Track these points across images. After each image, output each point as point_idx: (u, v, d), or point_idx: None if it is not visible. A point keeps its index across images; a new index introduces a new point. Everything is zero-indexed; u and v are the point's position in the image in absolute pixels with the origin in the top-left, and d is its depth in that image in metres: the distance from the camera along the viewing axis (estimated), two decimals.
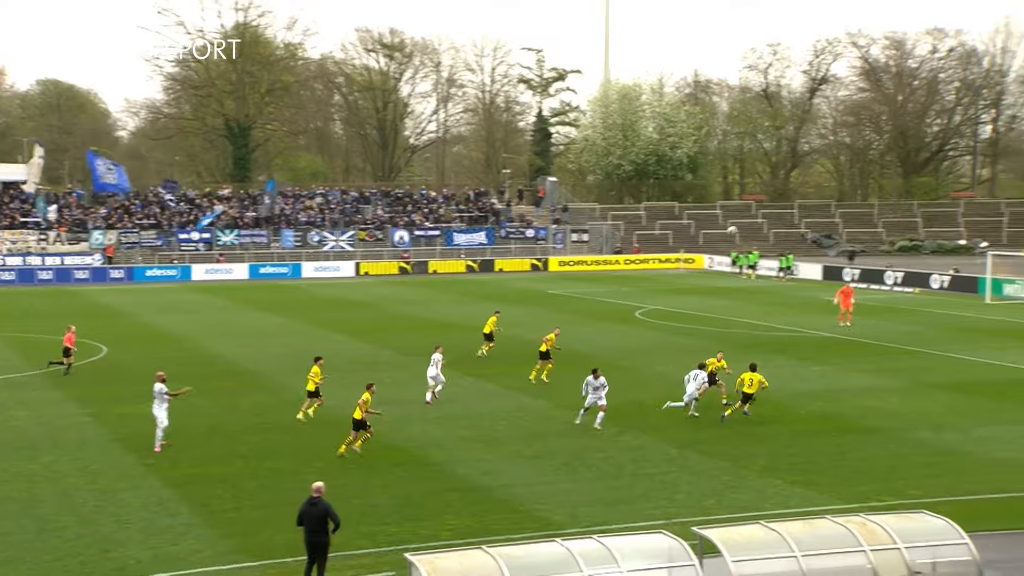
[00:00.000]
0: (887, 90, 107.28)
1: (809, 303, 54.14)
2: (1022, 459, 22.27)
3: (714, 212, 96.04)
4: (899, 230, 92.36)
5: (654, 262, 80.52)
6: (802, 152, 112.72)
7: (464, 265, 77.04)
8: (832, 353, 37.07)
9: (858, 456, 22.78)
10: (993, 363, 34.56)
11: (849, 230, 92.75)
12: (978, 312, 48.51)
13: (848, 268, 66.98)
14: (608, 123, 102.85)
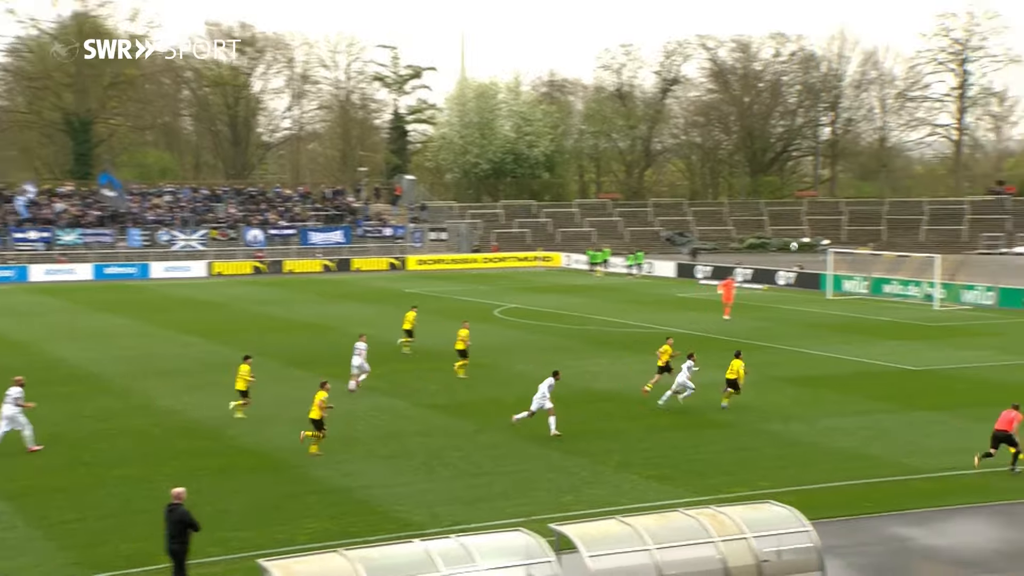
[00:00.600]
0: (734, 91, 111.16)
1: (663, 300, 55.57)
2: (862, 449, 23.41)
3: (571, 210, 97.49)
4: (748, 228, 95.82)
5: (512, 260, 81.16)
6: (655, 151, 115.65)
7: (320, 264, 75.95)
8: (683, 349, 38.07)
9: (710, 449, 23.51)
10: (836, 357, 36.20)
11: (701, 228, 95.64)
12: (822, 307, 50.74)
13: (700, 265, 69.07)
14: (465, 121, 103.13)
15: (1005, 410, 22.45)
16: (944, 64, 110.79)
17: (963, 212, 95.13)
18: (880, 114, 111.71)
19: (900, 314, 48.36)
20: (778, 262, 72.73)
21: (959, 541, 17.53)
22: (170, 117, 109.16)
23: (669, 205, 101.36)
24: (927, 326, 44.16)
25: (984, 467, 21.65)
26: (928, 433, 24.78)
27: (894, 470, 21.52)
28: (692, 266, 69.48)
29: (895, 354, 36.66)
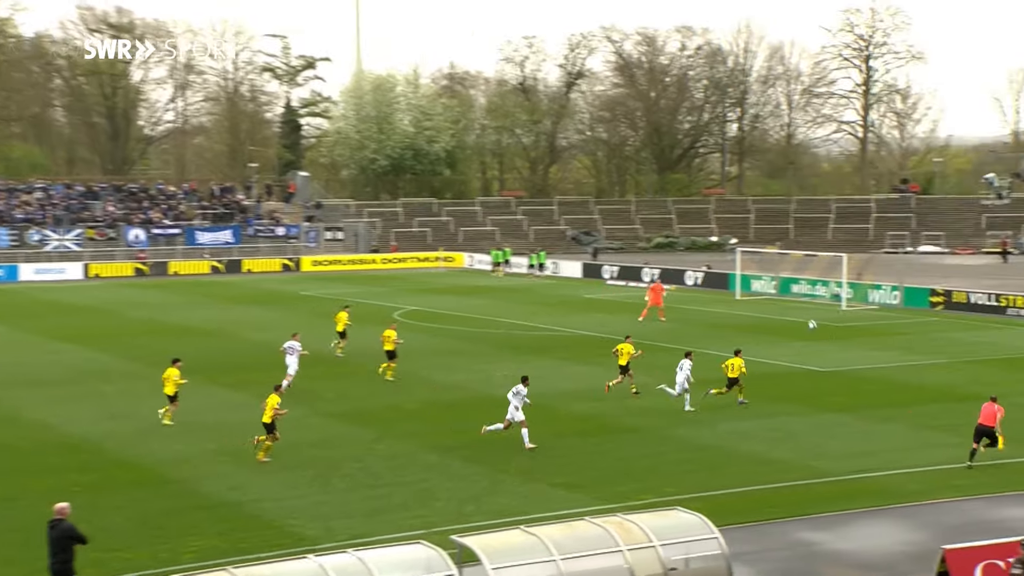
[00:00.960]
0: (641, 86, 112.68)
1: (569, 301, 56.06)
2: (769, 452, 24.01)
3: (473, 209, 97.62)
4: (655, 227, 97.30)
5: (413, 261, 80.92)
6: (560, 147, 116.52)
7: (208, 266, 74.59)
8: (592, 352, 38.52)
9: (618, 456, 23.82)
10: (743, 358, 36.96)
11: (608, 227, 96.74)
12: (729, 308, 51.82)
13: (607, 266, 69.88)
14: (362, 115, 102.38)
15: (985, 404, 23.28)
16: (849, 60, 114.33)
17: (869, 210, 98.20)
18: (787, 110, 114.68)
19: (808, 314, 49.71)
20: (686, 262, 74.03)
21: (865, 544, 18.12)
22: (40, 108, 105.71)
23: (575, 203, 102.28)
24: (834, 326, 45.47)
25: (962, 461, 22.61)
26: (835, 435, 25.53)
27: (801, 474, 22.13)
28: (599, 266, 70.24)
29: (802, 355, 37.65)
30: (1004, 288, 52.62)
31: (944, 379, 32.68)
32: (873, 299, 53.05)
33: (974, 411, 27.75)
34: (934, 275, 64.51)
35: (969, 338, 41.76)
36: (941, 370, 34.22)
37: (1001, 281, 58.48)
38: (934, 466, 22.60)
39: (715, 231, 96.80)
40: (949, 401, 29.30)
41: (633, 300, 56.96)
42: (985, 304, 48.90)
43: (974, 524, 18.73)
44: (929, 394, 30.26)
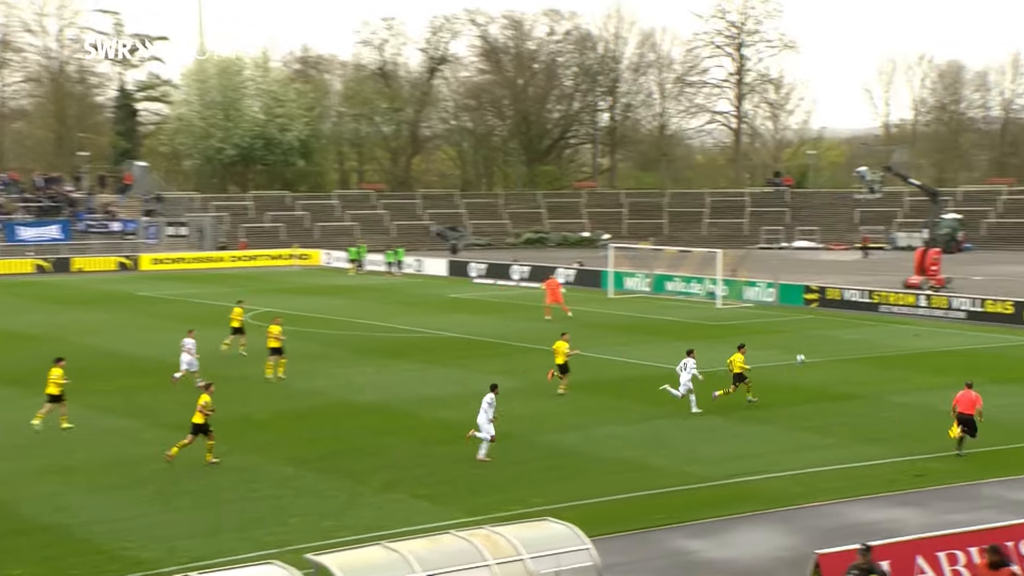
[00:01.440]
0: (508, 72, 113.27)
1: (434, 301, 56.00)
2: (642, 458, 24.43)
3: (331, 203, 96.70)
4: (524, 221, 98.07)
5: (264, 259, 79.62)
6: (423, 137, 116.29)
7: (32, 264, 71.84)
8: (458, 355, 38.57)
9: (483, 464, 23.87)
10: (616, 360, 37.62)
11: (475, 222, 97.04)
12: (601, 307, 52.58)
13: (474, 263, 70.05)
14: (206, 100, 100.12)
15: (961, 392, 24.48)
16: (721, 48, 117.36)
17: (744, 204, 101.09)
18: (659, 100, 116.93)
19: (683, 313, 50.81)
20: (557, 258, 74.79)
21: (742, 551, 18.62)
22: None
23: (439, 196, 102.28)
24: (710, 325, 46.61)
25: (948, 449, 23.82)
26: (710, 439, 26.15)
27: (676, 480, 22.59)
28: (466, 264, 70.37)
29: (677, 356, 38.31)
30: (877, 284, 54.86)
31: (818, 379, 33.84)
32: (748, 297, 54.59)
33: (847, 411, 28.89)
34: (808, 271, 66.77)
35: (843, 336, 43.37)
36: (815, 369, 35.43)
37: (874, 277, 60.94)
38: (810, 468, 23.36)
39: (587, 226, 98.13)
40: (822, 401, 30.36)
41: (501, 299, 57.25)
42: (858, 301, 50.89)
43: (849, 527, 19.45)
44: (803, 394, 31.29)
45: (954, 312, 47.63)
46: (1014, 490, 21.85)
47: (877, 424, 27.60)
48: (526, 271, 65.70)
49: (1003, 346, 40.69)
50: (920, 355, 38.06)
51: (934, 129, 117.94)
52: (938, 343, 41.33)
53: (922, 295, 49.99)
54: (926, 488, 21.91)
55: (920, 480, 22.39)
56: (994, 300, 46.97)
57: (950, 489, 21.88)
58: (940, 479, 22.46)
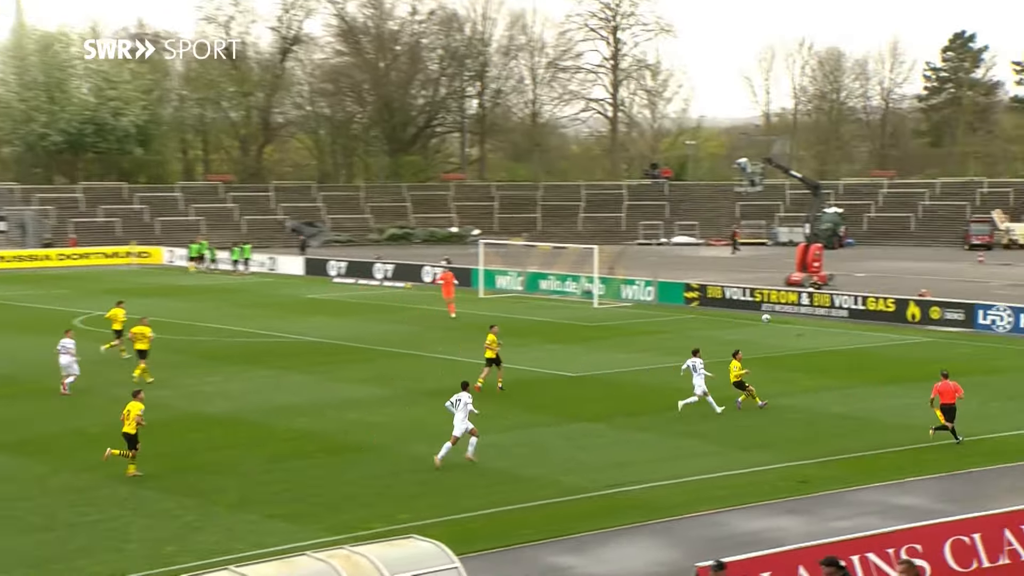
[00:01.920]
0: (368, 55, 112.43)
1: (289, 303, 55.34)
2: (517, 469, 24.54)
3: (173, 195, 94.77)
4: (388, 216, 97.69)
5: (98, 257, 77.55)
6: (276, 125, 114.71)
7: None
8: (315, 360, 38.19)
9: (345, 479, 23.68)
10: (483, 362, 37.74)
11: (334, 216, 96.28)
12: (472, 307, 52.69)
13: (334, 261, 69.46)
14: (26, 80, 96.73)
15: (940, 383, 26.07)
16: (596, 31, 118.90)
17: (621, 198, 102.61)
18: (531, 86, 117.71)
19: (557, 313, 51.26)
20: (423, 256, 74.68)
21: (619, 567, 18.84)
22: None
23: (295, 189, 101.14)
24: (586, 326, 47.14)
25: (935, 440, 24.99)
26: (588, 447, 26.42)
27: (553, 491, 22.75)
28: (325, 262, 69.74)
29: (552, 359, 38.80)
30: (759, 282, 56.29)
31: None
32: (626, 295, 55.40)
33: (729, 416, 29.52)
34: (689, 268, 68.15)
35: (725, 336, 44.34)
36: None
37: (756, 274, 62.50)
38: (692, 476, 23.80)
39: (455, 221, 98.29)
40: (703, 406, 30.97)
41: (362, 300, 56.91)
42: (740, 299, 52.13)
43: (732, 538, 19.87)
44: (682, 399, 31.84)
45: (837, 310, 49.16)
46: (897, 494, 22.64)
47: (760, 429, 28.28)
48: (390, 269, 65.42)
49: (885, 345, 42.18)
50: (803, 356, 39.17)
51: (815, 119, 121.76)
52: (821, 343, 42.59)
53: (804, 293, 51.46)
54: (810, 495, 22.53)
55: (804, 487, 23.02)
56: (876, 298, 48.64)
57: (834, 495, 22.55)
58: (824, 485, 23.12)
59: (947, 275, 66.52)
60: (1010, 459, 25.18)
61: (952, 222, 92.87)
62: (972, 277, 65.72)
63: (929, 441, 26.46)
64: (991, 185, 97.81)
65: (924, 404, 27.38)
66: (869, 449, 25.96)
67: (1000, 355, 39.71)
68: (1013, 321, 44.40)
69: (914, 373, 35.87)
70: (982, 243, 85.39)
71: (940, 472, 24.10)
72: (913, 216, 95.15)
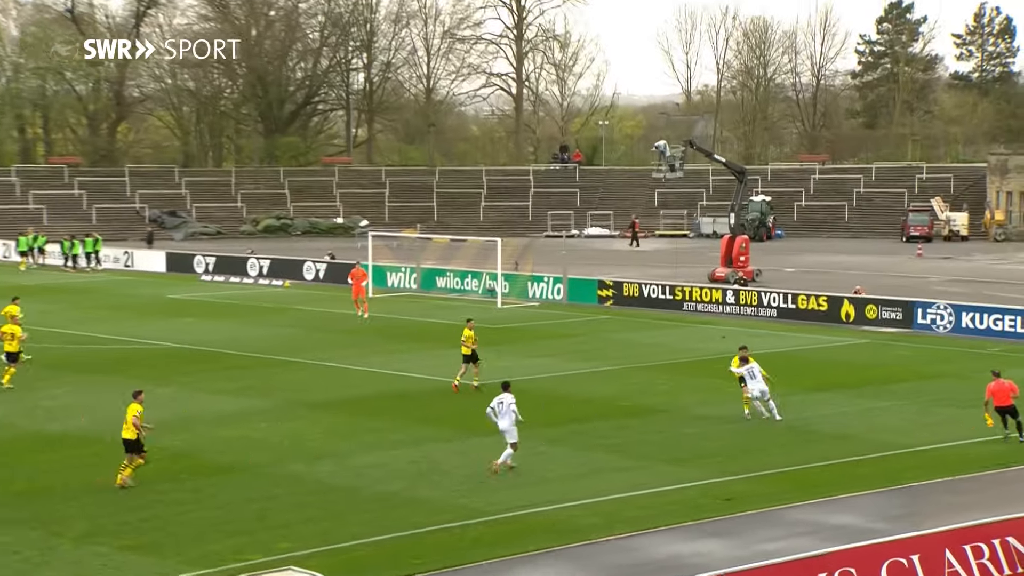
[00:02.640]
0: (237, 21, 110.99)
1: (147, 304, 54.52)
2: (409, 490, 24.47)
3: (9, 180, 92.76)
4: (264, 205, 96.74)
5: None
6: (131, 100, 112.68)
7: None
8: (182, 369, 37.71)
9: (216, 503, 23.42)
10: (379, 372, 37.60)
11: (200, 205, 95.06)
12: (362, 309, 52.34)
13: (200, 256, 68.56)
14: None
15: (992, 383, 26.82)
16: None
17: (527, 185, 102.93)
18: (425, 58, 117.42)
19: (457, 314, 51.17)
20: (304, 250, 74.11)
21: None
22: None
23: (154, 174, 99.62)
24: (489, 328, 47.08)
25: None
26: (487, 463, 26.45)
27: (449, 515, 22.75)
28: (191, 258, 68.84)
29: (450, 366, 38.79)
30: (680, 278, 56.93)
31: (613, 390, 34.79)
32: (534, 294, 55.60)
33: (646, 427, 29.82)
34: (603, 263, 68.62)
35: (642, 339, 44.78)
36: (611, 379, 36.43)
37: (676, 270, 63.22)
38: (605, 496, 23.96)
39: (340, 211, 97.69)
40: (619, 416, 31.24)
41: (234, 300, 56.27)
42: (660, 298, 52.65)
43: (648, 564, 20.10)
44: (596, 408, 32.10)
45: (764, 309, 49.94)
46: (831, 512, 23.08)
47: (680, 441, 28.62)
48: (266, 266, 64.81)
49: (817, 348, 42.97)
50: (727, 360, 39.63)
51: (740, 97, 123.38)
52: (748, 345, 43.17)
53: (730, 290, 52.19)
54: (736, 514, 22.85)
55: (729, 505, 23.34)
56: (807, 295, 49.49)
57: (762, 515, 22.89)
58: (751, 503, 23.47)
59: (884, 270, 68.00)
60: (950, 472, 25.81)
61: (889, 211, 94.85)
62: (910, 272, 67.30)
63: (864, 453, 27.03)
64: (930, 171, 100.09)
65: (860, 412, 27.98)
66: (800, 463, 26.42)
67: (940, 358, 40.70)
68: (954, 320, 45.55)
69: (849, 378, 36.60)
70: (921, 234, 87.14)
71: (877, 487, 24.61)
72: (847, 205, 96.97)
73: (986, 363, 39.70)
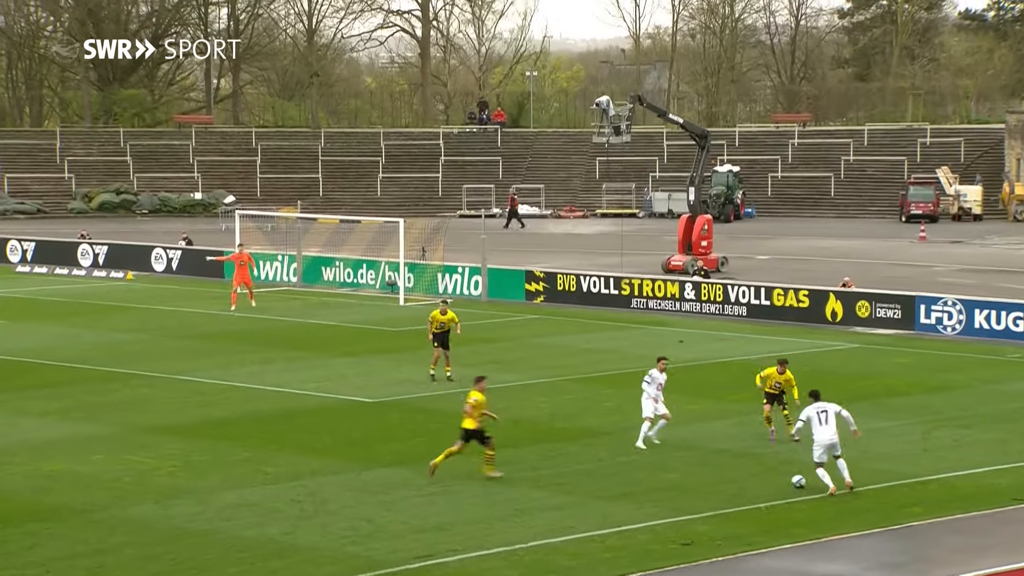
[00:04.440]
0: None
1: None
2: (286, 536, 24.36)
3: None
4: (98, 176, 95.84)
5: None
6: None
7: None
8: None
9: (33, 560, 23.12)
10: (245, 387, 37.42)
11: (14, 175, 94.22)
12: (226, 307, 52.04)
13: (15, 241, 67.81)
14: None
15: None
16: None
17: (436, 151, 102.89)
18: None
19: (348, 314, 51.09)
20: (152, 233, 73.53)
21: None
22: None
23: None
24: (388, 332, 47.13)
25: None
26: (389, 503, 26.39)
27: (338, 567, 22.69)
28: (3, 243, 68.08)
29: (341, 379, 38.67)
30: (627, 268, 57.15)
31: (545, 408, 34.87)
32: (445, 288, 55.53)
33: (584, 455, 29.89)
34: (532, 250, 68.71)
35: (579, 344, 44.89)
36: (541, 394, 36.47)
37: (623, 258, 63.50)
38: (533, 541, 23.96)
39: (198, 183, 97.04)
40: (550, 440, 31.28)
41: (60, 297, 55.68)
42: (602, 293, 52.81)
43: None
44: (523, 432, 32.08)
45: (732, 307, 50.26)
46: (815, 559, 23.26)
47: (625, 471, 28.70)
48: (102, 253, 64.18)
49: (797, 354, 43.15)
50: (686, 370, 39.90)
51: (701, 42, 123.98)
52: (710, 352, 43.51)
53: (689, 283, 52.45)
54: (697, 562, 22.96)
55: (687, 551, 23.46)
56: (784, 289, 49.88)
57: (729, 562, 23.02)
58: (716, 548, 23.57)
59: (879, 257, 68.76)
60: (960, 508, 26.07)
61: (885, 184, 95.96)
62: (911, 260, 68.12)
63: (856, 485, 27.27)
64: (936, 133, 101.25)
65: (849, 433, 28.15)
66: (777, 497, 26.61)
67: (947, 366, 41.22)
68: (964, 319, 46.11)
69: (835, 392, 36.78)
70: (924, 213, 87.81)
71: (871, 527, 24.83)
72: (833, 176, 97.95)
73: (1004, 372, 40.43)
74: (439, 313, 38.02)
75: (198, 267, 61.49)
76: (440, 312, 37.97)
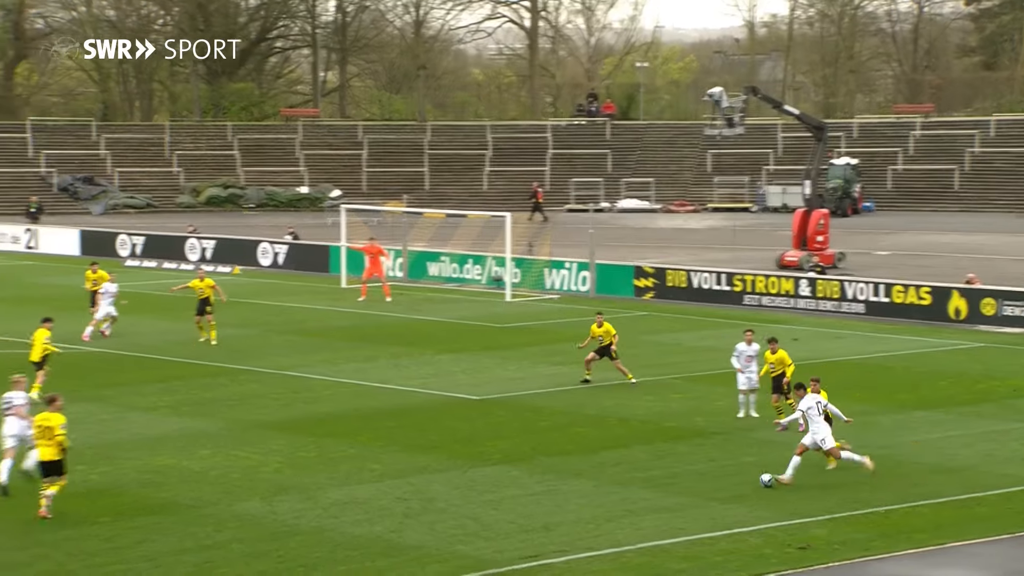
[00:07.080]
0: None
1: (55, 296, 54.59)
2: (391, 534, 24.49)
3: None
4: (206, 170, 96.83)
5: None
6: (34, 33, 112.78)
7: None
8: (100, 380, 37.79)
9: (141, 555, 23.36)
10: (348, 383, 37.67)
11: (124, 169, 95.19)
12: (331, 302, 52.49)
13: (124, 235, 68.69)
14: None
15: None
16: None
17: (544, 145, 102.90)
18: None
19: (454, 310, 51.24)
20: (259, 227, 74.16)
21: None
22: None
23: (65, 129, 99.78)
24: (494, 328, 47.19)
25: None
26: (496, 501, 26.46)
27: (445, 566, 22.76)
28: (113, 237, 68.96)
29: (447, 376, 38.82)
30: (740, 264, 56.83)
31: (654, 408, 34.79)
32: (552, 284, 55.56)
33: (696, 456, 29.80)
34: (641, 246, 68.49)
35: (690, 342, 44.73)
36: (650, 393, 36.38)
37: (735, 254, 63.19)
38: (640, 543, 23.92)
39: (305, 177, 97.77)
40: (660, 440, 31.21)
41: (167, 293, 56.30)
42: (713, 289, 52.60)
43: None
44: (633, 432, 32.08)
45: (849, 304, 49.84)
46: (938, 566, 23.00)
47: (738, 472, 28.56)
48: (209, 248, 64.85)
49: (917, 353, 42.86)
50: (800, 369, 39.60)
51: (819, 31, 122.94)
52: (825, 350, 43.11)
53: (804, 279, 52.09)
54: (813, 566, 22.81)
55: (803, 556, 23.32)
56: (904, 286, 49.38)
57: (847, 568, 22.86)
58: (833, 553, 23.39)
59: (1005, 253, 67.83)
60: None
61: (1012, 177, 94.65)
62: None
63: (980, 489, 26.94)
64: None
65: (974, 436, 27.83)
66: (896, 501, 26.36)
67: None
68: None
69: (959, 394, 36.53)
70: None
71: (998, 533, 24.51)
72: (958, 169, 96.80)
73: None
74: (596, 326, 37.66)
75: (304, 261, 62.02)
76: (596, 325, 37.60)
